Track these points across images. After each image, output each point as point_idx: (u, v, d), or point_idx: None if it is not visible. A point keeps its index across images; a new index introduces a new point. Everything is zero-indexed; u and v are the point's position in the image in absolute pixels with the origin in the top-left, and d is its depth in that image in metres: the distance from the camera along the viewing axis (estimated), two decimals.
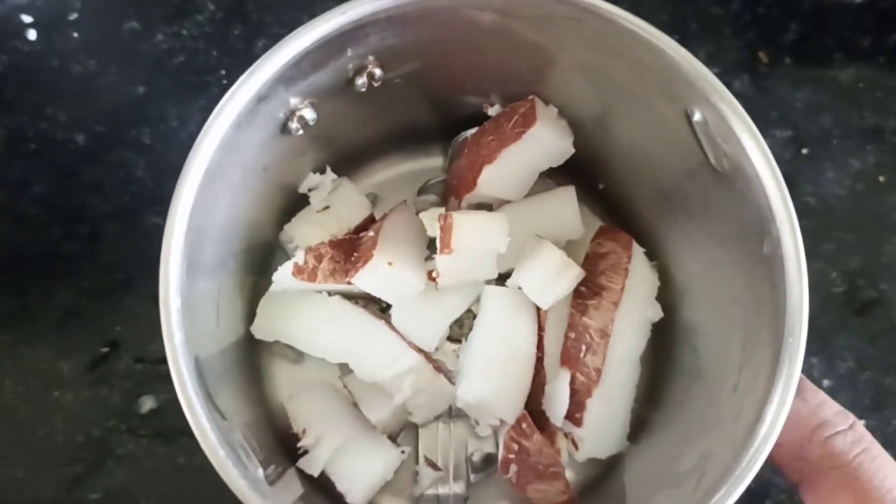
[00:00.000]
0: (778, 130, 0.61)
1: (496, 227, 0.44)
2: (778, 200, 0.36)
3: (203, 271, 0.40)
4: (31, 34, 0.59)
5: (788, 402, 0.35)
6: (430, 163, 0.55)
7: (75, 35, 0.59)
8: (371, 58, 0.42)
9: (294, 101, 0.41)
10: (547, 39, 0.42)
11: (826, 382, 0.57)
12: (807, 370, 0.57)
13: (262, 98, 0.38)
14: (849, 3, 0.62)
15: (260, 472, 0.37)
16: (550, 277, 0.45)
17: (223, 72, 0.59)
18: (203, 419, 0.34)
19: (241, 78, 0.37)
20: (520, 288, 0.47)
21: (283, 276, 0.46)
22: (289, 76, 0.38)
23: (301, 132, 0.42)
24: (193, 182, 0.36)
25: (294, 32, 0.37)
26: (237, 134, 0.38)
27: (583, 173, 0.51)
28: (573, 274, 0.46)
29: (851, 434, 0.36)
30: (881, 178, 0.60)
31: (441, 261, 0.44)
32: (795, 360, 0.35)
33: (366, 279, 0.44)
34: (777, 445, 0.35)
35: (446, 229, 0.44)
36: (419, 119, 0.51)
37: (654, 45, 0.38)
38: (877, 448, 0.36)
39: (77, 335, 0.55)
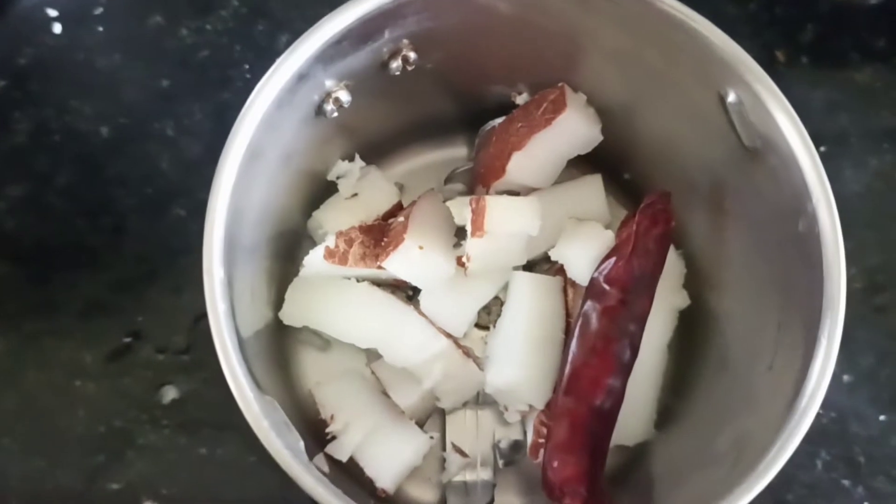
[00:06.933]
0: None
1: (529, 209, 0.45)
2: (813, 176, 0.37)
3: (241, 251, 0.40)
4: (57, 28, 0.59)
5: (828, 375, 0.35)
6: (455, 152, 0.55)
7: (100, 29, 0.59)
8: (406, 41, 0.42)
9: (329, 82, 0.41)
10: (580, 24, 0.43)
11: (846, 378, 0.57)
12: None
13: (302, 76, 0.38)
14: (864, 4, 0.63)
15: (301, 444, 0.36)
16: (596, 255, 0.45)
17: (246, 66, 0.59)
18: (247, 389, 0.34)
19: (283, 55, 0.37)
20: (557, 265, 0.46)
21: (313, 259, 0.46)
22: (328, 55, 0.39)
23: (336, 115, 0.43)
24: (236, 156, 0.36)
25: (336, 10, 0.38)
26: (278, 112, 0.38)
27: (608, 164, 0.52)
28: None
29: None
30: None
31: (472, 244, 0.44)
32: (835, 334, 0.36)
33: (397, 263, 0.44)
34: None
35: (479, 212, 0.44)
36: (445, 109, 0.52)
37: (688, 26, 0.39)
38: None
39: (100, 326, 0.54)
